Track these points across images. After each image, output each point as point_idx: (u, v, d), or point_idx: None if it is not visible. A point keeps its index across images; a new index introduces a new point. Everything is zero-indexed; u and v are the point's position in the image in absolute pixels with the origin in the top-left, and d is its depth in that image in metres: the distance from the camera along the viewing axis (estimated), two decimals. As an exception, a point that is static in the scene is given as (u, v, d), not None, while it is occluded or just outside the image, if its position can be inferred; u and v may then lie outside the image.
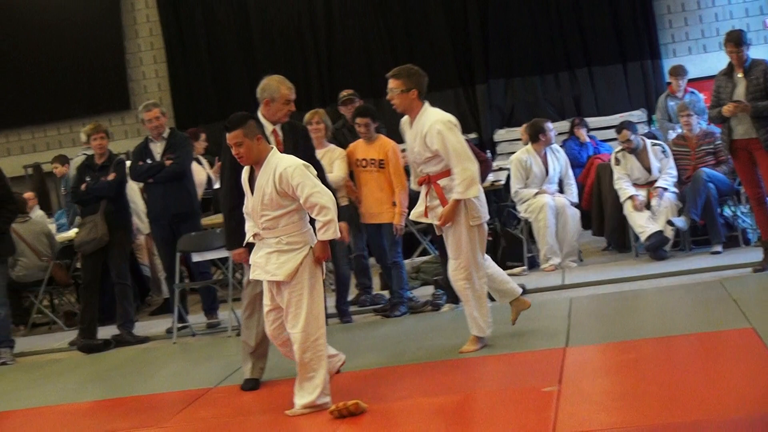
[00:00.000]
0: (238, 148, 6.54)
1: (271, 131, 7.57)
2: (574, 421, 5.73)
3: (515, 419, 5.93)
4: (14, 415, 8.19)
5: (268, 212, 6.54)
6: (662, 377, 6.49)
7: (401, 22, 16.86)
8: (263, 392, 7.47)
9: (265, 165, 6.55)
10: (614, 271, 10.76)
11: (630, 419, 5.73)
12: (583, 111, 15.75)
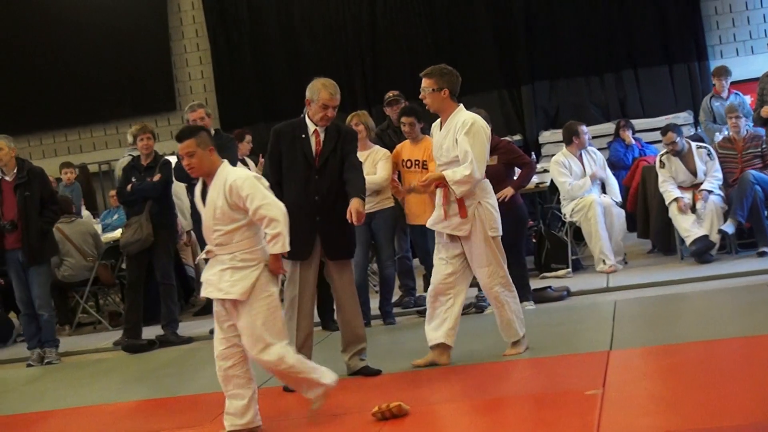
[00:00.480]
0: (190, 158, 6.37)
1: (313, 131, 7.57)
2: (617, 425, 5.71)
3: (558, 422, 5.91)
4: (59, 414, 8.27)
5: (220, 227, 6.35)
6: (706, 382, 6.46)
7: (445, 23, 16.83)
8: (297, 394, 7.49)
9: (216, 178, 6.39)
10: (659, 274, 10.69)
11: (673, 423, 5.71)
12: (629, 113, 15.65)
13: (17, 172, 10.38)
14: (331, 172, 7.60)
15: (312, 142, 7.56)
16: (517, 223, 9.76)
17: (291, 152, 7.61)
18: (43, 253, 10.40)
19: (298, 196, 7.48)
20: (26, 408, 8.68)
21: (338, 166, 7.61)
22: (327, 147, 7.56)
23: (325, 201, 7.55)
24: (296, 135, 7.61)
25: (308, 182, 7.54)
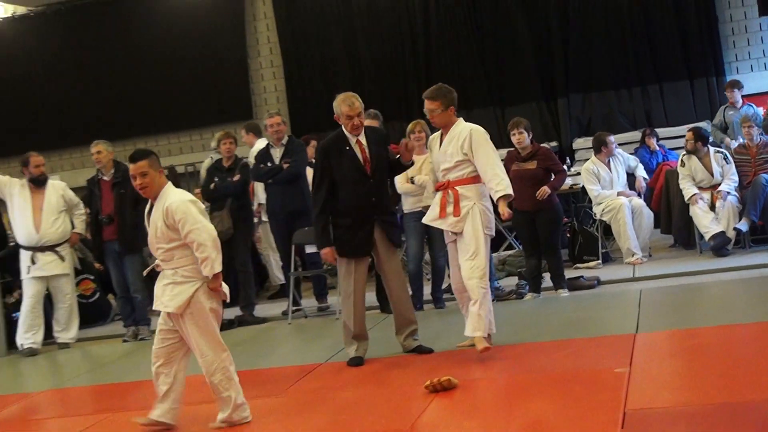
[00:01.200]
0: (143, 178, 6.22)
1: (355, 142, 7.58)
2: (643, 399, 5.70)
3: (590, 396, 5.90)
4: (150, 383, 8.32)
5: (162, 245, 6.24)
6: (723, 361, 6.42)
7: (491, 42, 16.78)
8: (366, 368, 7.52)
9: (159, 198, 6.26)
10: (680, 266, 10.62)
11: (693, 398, 5.70)
12: (654, 122, 15.57)
13: (114, 173, 10.49)
14: (380, 174, 7.69)
15: (357, 152, 7.56)
16: (553, 220, 9.77)
17: (341, 165, 7.57)
18: (136, 243, 10.49)
19: (357, 201, 7.53)
20: (122, 378, 8.78)
21: (384, 167, 7.72)
22: (372, 153, 7.59)
23: (379, 200, 7.63)
24: (341, 148, 7.59)
25: (363, 188, 7.55)
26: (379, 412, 6.34)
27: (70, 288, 10.69)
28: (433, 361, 7.32)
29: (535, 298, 9.75)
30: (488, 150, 7.37)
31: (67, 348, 10.62)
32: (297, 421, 6.37)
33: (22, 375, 9.77)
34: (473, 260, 7.27)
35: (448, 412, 6.11)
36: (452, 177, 7.43)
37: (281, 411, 6.63)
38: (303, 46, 17.80)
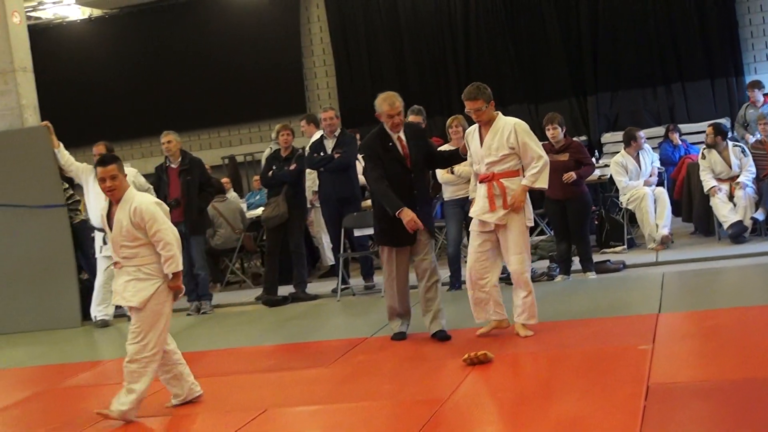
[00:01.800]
0: (113, 181, 6.13)
1: (396, 138, 7.44)
2: (666, 374, 5.65)
3: (616, 371, 5.86)
4: (212, 353, 8.40)
5: (126, 243, 6.13)
6: (740, 340, 6.36)
7: (526, 43, 16.74)
8: (409, 342, 7.51)
9: (123, 201, 6.14)
10: (700, 252, 10.49)
11: (712, 374, 5.65)
12: (676, 118, 15.50)
13: (181, 161, 10.53)
14: (420, 168, 7.58)
15: (399, 148, 7.42)
16: (583, 208, 9.74)
17: (386, 159, 7.41)
18: (201, 225, 10.56)
19: (399, 194, 7.28)
20: (186, 348, 8.71)
21: (422, 161, 7.58)
22: (412, 148, 7.45)
23: (420, 192, 7.49)
24: (384, 144, 7.44)
25: (406, 181, 7.38)
26: (420, 382, 6.33)
27: (139, 266, 10.75)
28: (470, 337, 7.29)
29: (565, 280, 9.69)
30: (533, 141, 7.18)
31: (137, 320, 10.68)
32: (344, 390, 6.38)
33: (94, 344, 9.86)
34: (522, 254, 7.11)
35: (484, 384, 6.09)
36: (497, 170, 7.14)
37: (329, 381, 6.64)
38: (353, 46, 17.87)
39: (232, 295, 11.81)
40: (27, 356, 9.48)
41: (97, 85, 18.67)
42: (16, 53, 11.19)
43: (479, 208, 7.19)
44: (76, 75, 18.61)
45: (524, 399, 5.73)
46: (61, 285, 10.94)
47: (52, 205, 10.94)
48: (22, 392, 7.76)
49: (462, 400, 5.74)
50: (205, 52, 18.23)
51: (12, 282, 11.09)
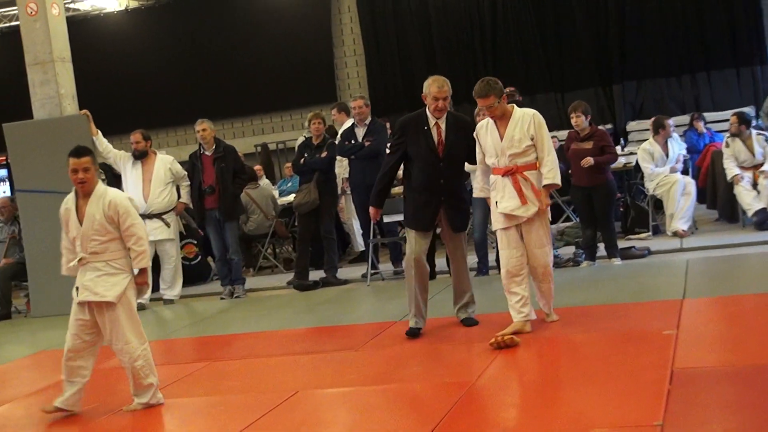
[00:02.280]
0: (85, 173, 6.00)
1: (434, 124, 7.16)
2: (690, 359, 5.62)
3: (641, 355, 5.83)
4: (244, 336, 8.44)
5: (97, 237, 5.99)
6: (764, 326, 6.32)
7: (552, 33, 16.69)
8: (437, 325, 7.48)
9: (94, 195, 6.02)
10: (724, 238, 10.41)
11: (736, 359, 5.60)
12: (701, 107, 15.41)
13: (215, 149, 10.57)
14: (454, 160, 7.24)
15: (434, 134, 7.13)
16: (608, 195, 9.69)
17: (416, 142, 7.16)
18: (234, 211, 10.59)
19: (426, 180, 7.14)
20: (219, 332, 8.87)
21: (462, 153, 7.26)
22: (449, 138, 7.14)
23: (449, 183, 7.19)
24: (419, 127, 7.18)
25: (433, 169, 7.11)
26: (448, 365, 6.34)
27: (174, 251, 10.82)
28: (498, 321, 7.27)
29: (591, 266, 9.65)
30: (547, 134, 6.91)
31: (172, 304, 10.76)
32: (373, 373, 6.39)
33: (132, 326, 9.90)
34: (545, 247, 6.92)
35: (511, 367, 6.09)
36: (520, 162, 6.81)
37: (359, 363, 6.65)
38: (382, 36, 17.88)
39: (264, 280, 11.84)
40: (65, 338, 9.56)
41: (133, 74, 18.78)
42: (55, 44, 11.25)
43: (511, 203, 6.82)
44: (114, 65, 18.74)
45: (550, 382, 5.72)
46: (99, 269, 11.00)
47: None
48: (61, 374, 7.83)
49: (489, 382, 5.74)
50: (238, 42, 18.31)
51: (50, 266, 11.13)
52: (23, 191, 11.30)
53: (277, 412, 5.64)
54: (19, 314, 11.58)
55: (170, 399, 6.38)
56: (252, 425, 5.40)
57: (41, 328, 10.44)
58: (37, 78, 11.30)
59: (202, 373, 7.07)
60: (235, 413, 5.72)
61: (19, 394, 7.11)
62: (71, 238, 6.17)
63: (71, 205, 6.16)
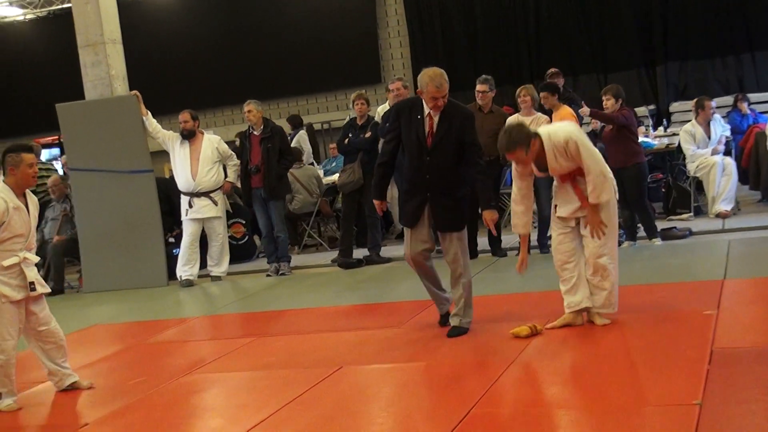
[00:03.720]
0: (35, 167, 6.03)
1: (427, 114, 6.47)
2: (729, 339, 5.59)
3: (681, 335, 5.80)
4: (290, 312, 8.50)
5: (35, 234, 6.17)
6: (805, 307, 6.24)
7: (596, 14, 16.56)
8: (477, 304, 7.46)
9: (29, 195, 6.10)
10: (766, 220, 10.27)
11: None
12: (745, 88, 15.21)
13: (263, 129, 10.62)
14: (443, 154, 6.47)
15: (425, 124, 6.45)
16: (635, 176, 9.46)
17: (408, 130, 6.55)
18: (280, 190, 10.64)
19: (413, 172, 6.58)
20: (265, 307, 8.95)
21: (452, 147, 6.47)
22: (440, 130, 6.43)
23: (435, 179, 6.48)
24: (413, 114, 6.53)
25: (421, 161, 6.48)
26: (488, 344, 6.33)
27: (222, 229, 10.90)
28: (536, 299, 7.26)
29: (632, 246, 9.58)
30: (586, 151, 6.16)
31: (219, 280, 10.85)
32: (414, 349, 6.41)
33: (180, 303, 10.04)
34: (601, 239, 6.21)
35: (550, 346, 6.04)
36: (574, 169, 6.26)
37: (401, 340, 6.67)
38: (426, 17, 17.86)
39: (309, 258, 11.90)
40: (118, 313, 9.71)
41: (182, 56, 18.93)
42: (106, 26, 11.36)
43: (570, 207, 6.33)
44: (163, 46, 18.89)
45: (590, 361, 5.70)
46: (149, 246, 11.14)
47: (140, 171, 11.13)
48: (114, 346, 7.96)
49: (529, 360, 5.73)
50: (284, 24, 18.38)
51: (103, 243, 11.32)
52: (76, 170, 11.45)
53: (321, 386, 5.69)
54: (72, 289, 11.76)
55: (217, 373, 6.47)
56: (296, 399, 5.45)
57: (93, 302, 10.61)
58: (89, 59, 11.42)
59: (248, 347, 7.14)
60: (280, 387, 5.77)
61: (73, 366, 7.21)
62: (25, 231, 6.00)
63: (13, 204, 5.92)
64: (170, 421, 5.52)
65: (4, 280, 5.83)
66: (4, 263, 5.82)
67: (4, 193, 5.85)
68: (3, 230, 5.80)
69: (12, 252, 5.86)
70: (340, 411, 5.22)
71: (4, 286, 5.82)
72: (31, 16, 20.16)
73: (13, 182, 5.92)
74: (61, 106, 11.55)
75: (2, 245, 5.83)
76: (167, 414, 5.67)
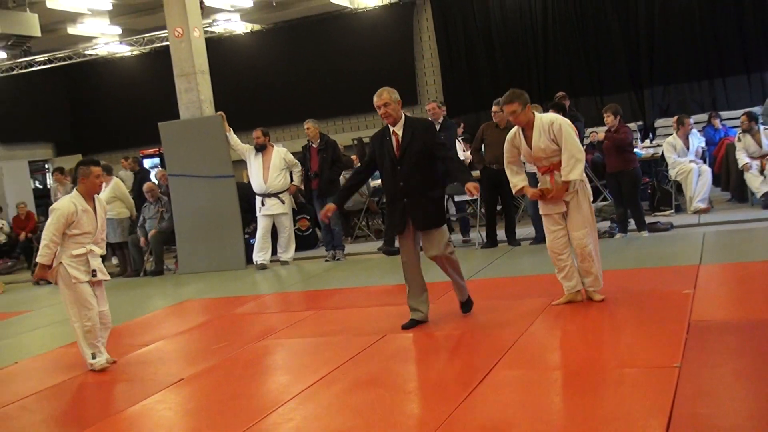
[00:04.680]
0: (101, 178, 6.20)
1: (392, 132, 6.13)
2: (705, 313, 5.51)
3: (663, 310, 5.73)
4: (344, 290, 8.51)
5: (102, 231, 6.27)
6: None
7: (593, 45, 16.40)
8: (498, 283, 7.45)
9: (97, 199, 6.22)
10: (735, 215, 10.13)
11: (744, 315, 5.48)
12: (718, 107, 15.02)
13: (320, 142, 10.65)
14: (410, 161, 6.01)
15: (393, 141, 6.08)
16: (633, 179, 9.47)
17: (380, 152, 6.15)
18: (331, 191, 10.63)
19: (389, 184, 6.15)
20: (324, 286, 8.97)
21: (417, 155, 6.01)
22: (405, 140, 6.03)
23: (409, 185, 6.02)
24: (383, 138, 6.17)
25: (394, 172, 6.07)
26: (505, 315, 6.30)
27: (288, 223, 10.94)
28: (546, 280, 7.21)
29: (623, 237, 9.49)
30: (567, 134, 6.00)
31: (287, 264, 10.90)
32: (445, 321, 6.40)
33: (255, 282, 10.09)
34: (584, 229, 6.10)
35: (554, 319, 6.01)
36: (554, 161, 6.10)
37: (434, 313, 6.64)
38: (454, 50, 17.82)
39: (359, 246, 11.90)
40: (205, 290, 9.80)
41: (256, 82, 19.03)
42: (196, 60, 11.45)
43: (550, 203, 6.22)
44: (241, 76, 18.99)
45: (587, 331, 5.66)
46: (230, 236, 11.23)
47: (222, 176, 11.22)
48: (201, 317, 8.03)
49: (537, 330, 5.71)
50: (338, 55, 18.40)
51: (193, 234, 11.43)
52: (173, 175, 11.57)
53: (370, 350, 5.70)
54: (169, 271, 11.89)
55: (285, 339, 6.50)
56: (349, 361, 5.47)
57: (186, 282, 10.71)
58: (183, 87, 11.53)
59: (310, 319, 7.17)
60: (337, 351, 5.79)
61: (168, 334, 7.30)
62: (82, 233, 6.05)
63: (83, 206, 6.07)
64: (248, 377, 5.56)
65: (74, 266, 6.00)
66: (73, 252, 5.99)
67: (76, 198, 6.04)
68: (73, 228, 5.97)
69: (81, 245, 6.02)
70: (384, 371, 5.22)
71: (74, 270, 5.99)
72: (137, 52, 20.39)
73: (83, 189, 6.08)
74: (162, 124, 11.68)
75: (73, 239, 5.99)
76: (245, 372, 5.71)
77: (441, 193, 6.26)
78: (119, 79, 20.90)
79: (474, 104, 16.75)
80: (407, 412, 4.42)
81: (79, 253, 6.02)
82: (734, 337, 4.94)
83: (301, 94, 18.50)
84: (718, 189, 11.70)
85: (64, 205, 6.00)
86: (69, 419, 5.17)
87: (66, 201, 6.05)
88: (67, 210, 5.97)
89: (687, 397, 3.96)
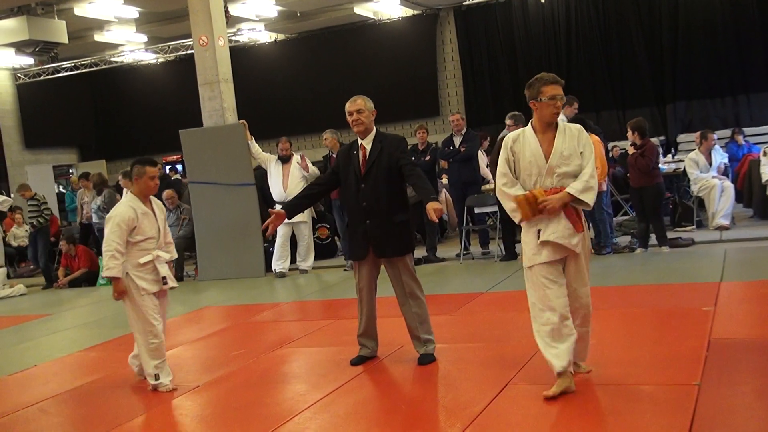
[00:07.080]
0: (156, 180, 5.62)
1: (360, 145, 5.58)
2: (726, 331, 5.45)
3: (683, 327, 5.68)
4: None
5: (166, 233, 5.79)
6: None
7: (616, 59, 16.40)
8: (513, 297, 7.40)
9: (154, 200, 5.73)
10: (758, 232, 10.03)
11: (764, 332, 5.41)
12: (741, 123, 14.94)
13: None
14: (375, 179, 5.44)
15: (359, 155, 5.54)
16: (656, 195, 9.45)
17: (345, 167, 5.58)
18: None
19: (351, 203, 5.60)
20: (342, 296, 8.95)
21: (384, 173, 5.43)
22: (372, 155, 5.48)
23: (372, 206, 5.45)
24: (351, 152, 5.61)
25: (357, 191, 5.48)
26: (522, 329, 6.25)
27: (308, 232, 10.96)
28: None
29: (644, 252, 9.43)
30: (592, 152, 4.53)
31: (305, 273, 10.91)
32: (463, 332, 6.38)
33: (274, 290, 10.11)
34: (586, 286, 4.62)
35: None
36: (566, 184, 4.45)
37: (453, 325, 6.65)
38: (477, 62, 17.86)
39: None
40: (224, 297, 9.82)
41: (280, 92, 19.13)
42: (220, 68, 11.52)
43: (560, 230, 4.45)
44: (264, 85, 19.10)
45: (605, 346, 5.60)
46: (250, 244, 11.26)
47: (244, 184, 11.25)
48: (220, 324, 8.05)
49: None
50: (361, 66, 18.45)
51: (213, 241, 11.47)
52: (194, 182, 11.62)
53: (387, 360, 5.69)
54: (189, 278, 11.93)
55: (302, 348, 6.50)
56: (366, 371, 5.46)
57: (205, 288, 10.74)
58: (206, 95, 11.60)
59: (328, 328, 7.16)
60: (353, 361, 5.78)
61: (185, 341, 7.32)
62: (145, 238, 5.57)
63: (140, 210, 5.57)
64: (264, 385, 5.56)
65: (141, 276, 5.52)
66: (140, 261, 5.51)
67: (132, 201, 5.55)
68: (136, 234, 5.48)
69: (146, 251, 5.54)
70: (402, 380, 5.22)
71: (141, 281, 5.52)
72: (162, 60, 20.56)
73: (138, 191, 5.58)
74: (184, 131, 11.74)
75: (137, 246, 5.50)
76: (262, 379, 5.71)
77: (405, 218, 5.55)
78: (143, 86, 21.09)
79: (496, 116, 16.74)
80: (424, 422, 4.40)
81: (146, 261, 5.53)
82: (755, 356, 4.88)
83: (323, 103, 18.54)
84: (740, 205, 11.59)
85: (121, 211, 5.47)
86: (87, 423, 5.19)
87: (122, 206, 5.53)
88: (126, 215, 5.45)
89: (706, 416, 3.91)
